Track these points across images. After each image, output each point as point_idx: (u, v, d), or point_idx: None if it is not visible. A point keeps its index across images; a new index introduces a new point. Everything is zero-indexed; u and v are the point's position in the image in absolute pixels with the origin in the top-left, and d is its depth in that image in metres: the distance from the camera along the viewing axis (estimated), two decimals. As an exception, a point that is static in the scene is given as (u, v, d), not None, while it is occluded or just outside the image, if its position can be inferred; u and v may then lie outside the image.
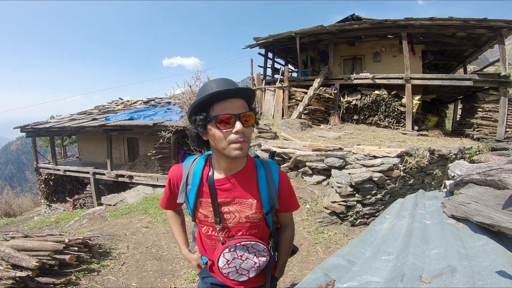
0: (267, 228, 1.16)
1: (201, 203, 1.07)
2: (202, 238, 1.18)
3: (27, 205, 13.36)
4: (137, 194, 8.22)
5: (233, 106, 0.93)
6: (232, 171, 1.05)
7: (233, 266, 1.06)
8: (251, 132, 0.97)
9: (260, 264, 1.08)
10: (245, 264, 1.06)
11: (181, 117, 8.82)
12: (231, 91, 0.92)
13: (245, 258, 1.06)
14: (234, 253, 1.04)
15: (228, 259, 1.04)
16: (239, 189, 1.05)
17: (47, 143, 17.31)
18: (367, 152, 4.62)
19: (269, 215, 1.11)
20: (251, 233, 1.09)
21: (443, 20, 7.64)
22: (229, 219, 1.06)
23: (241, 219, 1.06)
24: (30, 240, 2.96)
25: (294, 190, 1.18)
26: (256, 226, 1.09)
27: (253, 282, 1.14)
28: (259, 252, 1.07)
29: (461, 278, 0.82)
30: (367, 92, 8.57)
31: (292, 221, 1.25)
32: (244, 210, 1.06)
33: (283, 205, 1.14)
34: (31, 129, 11.70)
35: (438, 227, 1.29)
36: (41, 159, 14.15)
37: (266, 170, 1.09)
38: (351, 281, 1.01)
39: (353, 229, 4.09)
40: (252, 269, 1.08)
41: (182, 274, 3.05)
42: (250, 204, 1.05)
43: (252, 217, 1.06)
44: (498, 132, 7.18)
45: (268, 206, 1.08)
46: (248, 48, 10.77)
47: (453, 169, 1.72)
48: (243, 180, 1.06)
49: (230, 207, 1.05)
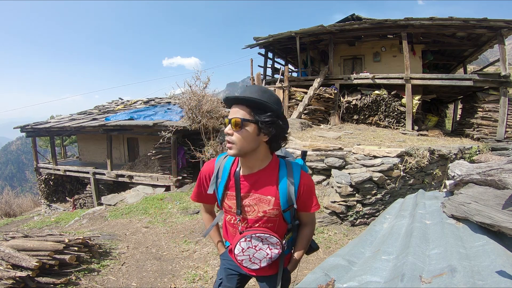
0: (285, 223, 1.23)
1: (228, 195, 1.19)
2: (226, 225, 1.31)
3: (27, 205, 13.35)
4: (137, 194, 8.22)
5: (235, 111, 1.05)
6: (254, 169, 1.14)
7: (247, 255, 1.17)
8: (242, 136, 1.04)
9: (272, 255, 1.17)
10: (258, 254, 1.17)
11: (181, 117, 8.81)
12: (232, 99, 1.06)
13: (258, 248, 1.16)
14: (250, 242, 1.15)
15: (244, 247, 1.16)
16: (260, 185, 1.14)
17: (47, 143, 17.32)
18: (367, 152, 4.62)
19: (287, 213, 1.18)
20: (267, 226, 1.17)
21: (443, 20, 7.64)
22: (249, 212, 1.17)
23: (259, 212, 1.16)
24: (30, 240, 2.96)
25: (315, 192, 1.22)
26: (273, 220, 1.18)
27: (265, 271, 1.26)
28: (272, 244, 1.16)
29: (461, 278, 0.82)
30: (367, 92, 8.57)
31: (312, 221, 1.30)
32: (262, 205, 1.15)
33: (301, 206, 1.19)
34: (31, 129, 11.70)
35: (438, 227, 1.29)
36: (41, 159, 14.15)
37: (288, 171, 1.15)
38: (351, 281, 1.01)
39: (353, 229, 4.09)
40: (264, 260, 1.18)
41: (182, 274, 3.05)
42: (268, 200, 1.14)
43: (269, 212, 1.15)
44: (498, 132, 7.18)
45: (286, 204, 1.15)
46: (248, 48, 10.77)
47: (453, 169, 1.72)
48: (264, 178, 1.15)
49: (251, 201, 1.16)
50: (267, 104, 1.02)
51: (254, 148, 1.08)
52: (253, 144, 1.06)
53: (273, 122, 1.04)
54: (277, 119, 1.06)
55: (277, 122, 1.06)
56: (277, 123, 1.06)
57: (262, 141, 1.08)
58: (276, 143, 1.11)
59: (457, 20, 7.46)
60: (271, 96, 1.07)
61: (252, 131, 1.04)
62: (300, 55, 9.52)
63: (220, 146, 6.91)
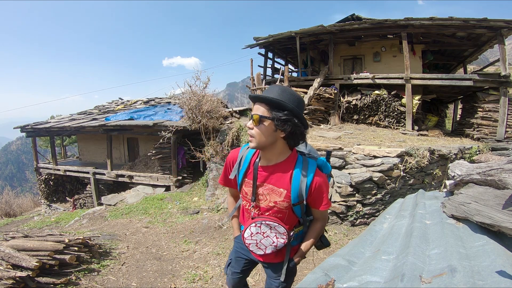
0: (295, 217, 1.30)
1: (246, 182, 1.30)
2: (243, 209, 1.43)
3: (27, 205, 13.36)
4: (137, 194, 8.22)
5: (256, 108, 1.15)
6: (272, 161, 1.23)
7: (255, 240, 1.28)
8: (261, 132, 1.14)
9: (277, 244, 1.26)
10: (265, 241, 1.27)
11: (181, 117, 8.81)
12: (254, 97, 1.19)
13: (266, 235, 1.26)
14: (259, 228, 1.25)
15: (253, 232, 1.27)
16: (274, 177, 1.23)
17: (47, 143, 17.31)
18: (367, 152, 4.62)
19: (297, 207, 1.25)
20: (277, 216, 1.26)
21: (443, 20, 7.63)
22: (262, 200, 1.27)
23: (271, 202, 1.25)
24: (30, 240, 2.96)
25: (327, 191, 1.26)
26: (283, 212, 1.26)
27: (272, 258, 1.36)
28: (279, 234, 1.24)
29: (461, 278, 0.82)
30: (367, 92, 8.56)
31: (323, 217, 1.36)
32: (274, 196, 1.24)
33: (312, 202, 1.26)
34: (31, 129, 11.70)
35: (438, 227, 1.29)
36: (41, 159, 14.15)
37: (303, 168, 1.21)
38: (351, 281, 1.02)
39: (353, 229, 4.09)
40: (270, 247, 1.28)
41: (182, 274, 3.05)
42: (280, 192, 1.23)
43: (279, 203, 1.23)
44: (498, 132, 7.17)
45: (296, 199, 1.21)
46: (248, 48, 10.76)
47: (453, 169, 1.72)
48: (280, 171, 1.23)
49: (264, 190, 1.25)
50: (283, 103, 1.10)
51: (272, 142, 1.16)
52: (270, 138, 1.15)
53: (288, 120, 1.11)
54: (293, 118, 1.12)
55: (293, 120, 1.12)
56: (293, 121, 1.12)
57: (279, 137, 1.16)
58: (293, 139, 1.18)
59: (457, 20, 7.45)
60: (291, 96, 1.14)
61: (269, 127, 1.13)
62: (300, 55, 9.51)
63: (220, 146, 6.90)
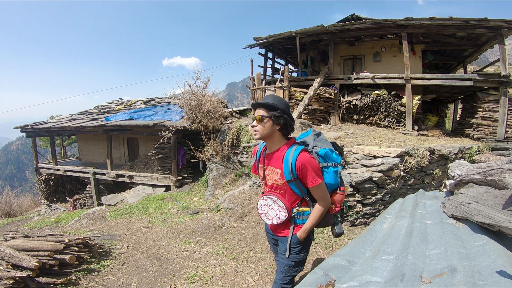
0: (294, 193, 1.61)
1: (260, 167, 1.74)
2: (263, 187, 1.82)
3: (27, 205, 13.36)
4: (137, 194, 8.22)
5: (258, 111, 1.59)
6: (272, 149, 1.64)
7: (263, 211, 1.69)
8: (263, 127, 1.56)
9: (280, 216, 1.63)
10: (271, 212, 1.66)
11: (181, 117, 8.81)
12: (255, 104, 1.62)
13: (271, 207, 1.65)
14: (266, 201, 1.66)
15: (262, 204, 1.69)
16: (274, 160, 1.63)
17: (47, 143, 17.32)
18: (367, 152, 4.62)
19: (292, 183, 1.57)
20: (279, 192, 1.64)
21: (443, 20, 7.63)
22: (268, 179, 1.68)
23: (272, 180, 1.64)
24: (30, 240, 2.96)
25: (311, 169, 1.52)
26: (281, 188, 1.62)
27: (280, 232, 1.72)
28: (280, 207, 1.61)
29: (461, 278, 0.82)
30: (367, 92, 8.56)
31: (321, 197, 1.60)
32: (274, 175, 1.62)
33: (302, 179, 1.55)
34: (31, 129, 11.70)
35: (438, 227, 1.29)
36: (41, 159, 14.15)
37: (291, 152, 1.55)
38: (351, 281, 1.02)
39: (353, 229, 4.09)
40: (275, 218, 1.65)
41: (182, 274, 3.05)
42: (277, 172, 1.60)
43: (277, 181, 1.61)
44: (498, 132, 7.17)
45: (288, 176, 1.54)
46: (248, 48, 10.76)
47: (453, 169, 1.72)
48: (276, 156, 1.62)
49: (268, 171, 1.66)
50: (276, 105, 1.55)
51: (271, 134, 1.58)
52: (269, 131, 1.57)
53: (281, 116, 1.55)
54: (284, 114, 1.56)
55: (284, 116, 1.56)
56: (284, 116, 1.56)
57: (276, 130, 1.58)
58: (285, 130, 1.60)
59: (457, 20, 7.45)
60: (281, 101, 1.60)
61: (268, 122, 1.56)
62: (300, 55, 9.51)
63: (220, 146, 6.90)
